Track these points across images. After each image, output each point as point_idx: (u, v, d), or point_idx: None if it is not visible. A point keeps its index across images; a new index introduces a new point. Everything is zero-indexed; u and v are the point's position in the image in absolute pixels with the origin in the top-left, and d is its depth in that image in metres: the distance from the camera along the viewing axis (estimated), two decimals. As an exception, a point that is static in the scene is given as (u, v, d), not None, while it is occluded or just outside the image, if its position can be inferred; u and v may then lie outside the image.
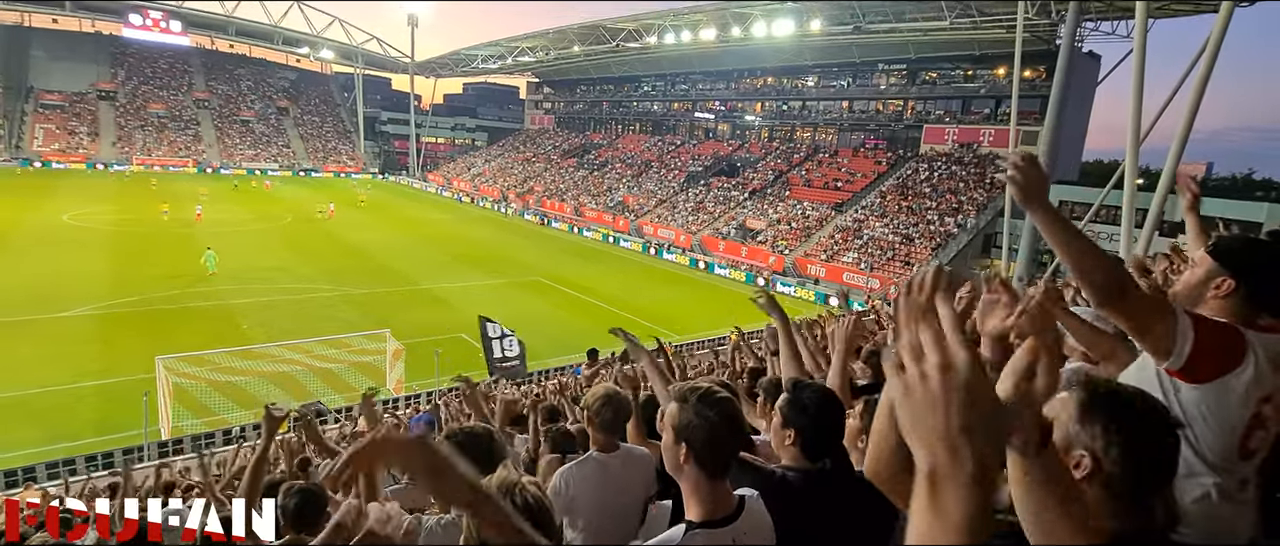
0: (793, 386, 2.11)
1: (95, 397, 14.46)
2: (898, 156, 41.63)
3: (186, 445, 12.92)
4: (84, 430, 13.12)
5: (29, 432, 12.81)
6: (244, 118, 74.95)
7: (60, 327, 18.56)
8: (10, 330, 17.91)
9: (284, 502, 2.84)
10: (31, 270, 23.73)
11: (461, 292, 25.82)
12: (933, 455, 0.62)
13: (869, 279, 29.94)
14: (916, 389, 0.64)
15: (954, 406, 0.61)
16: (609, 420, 2.63)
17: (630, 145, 60.96)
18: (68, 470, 11.37)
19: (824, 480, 2.01)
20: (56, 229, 31.78)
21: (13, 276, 22.79)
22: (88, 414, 13.77)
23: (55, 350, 16.79)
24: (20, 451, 12.04)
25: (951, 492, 0.60)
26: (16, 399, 14.08)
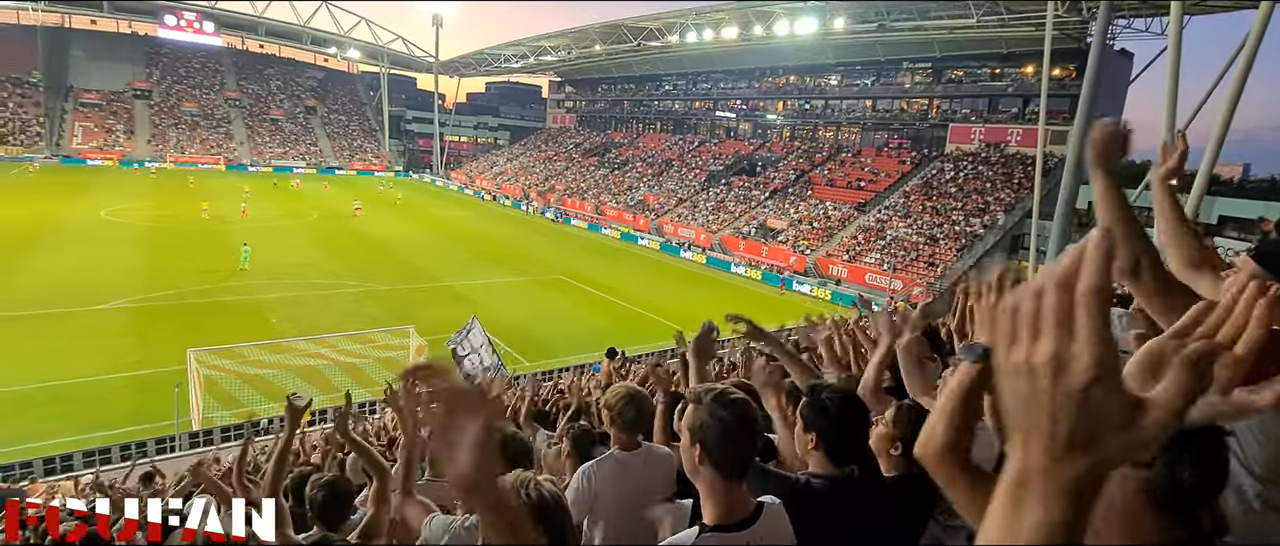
0: (811, 388, 2.07)
1: (130, 388, 14.91)
2: (922, 156, 41.05)
3: (216, 436, 13.27)
4: (119, 420, 13.53)
5: (67, 422, 13.25)
6: (273, 116, 76.49)
7: (97, 320, 19.15)
8: (50, 322, 18.54)
9: (311, 494, 2.92)
10: (70, 264, 24.51)
11: (483, 290, 26.08)
12: (1026, 452, 0.55)
13: (892, 280, 29.59)
14: (1019, 378, 0.55)
15: (1065, 413, 0.52)
16: (631, 419, 2.65)
17: (651, 144, 60.97)
18: (103, 459, 11.76)
19: (851, 487, 1.95)
20: (94, 224, 32.77)
21: (53, 270, 23.56)
22: (123, 404, 14.20)
23: (92, 342, 17.33)
24: (59, 440, 12.47)
25: (1037, 498, 0.53)
26: (56, 389, 14.57)
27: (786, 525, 1.70)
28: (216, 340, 16.46)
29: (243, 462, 4.96)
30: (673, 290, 29.23)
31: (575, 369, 15.81)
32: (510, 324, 21.45)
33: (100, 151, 61.25)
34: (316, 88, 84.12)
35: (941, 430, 1.21)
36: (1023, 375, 0.55)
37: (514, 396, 6.93)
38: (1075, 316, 0.52)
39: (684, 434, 1.64)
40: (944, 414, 1.21)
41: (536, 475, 1.66)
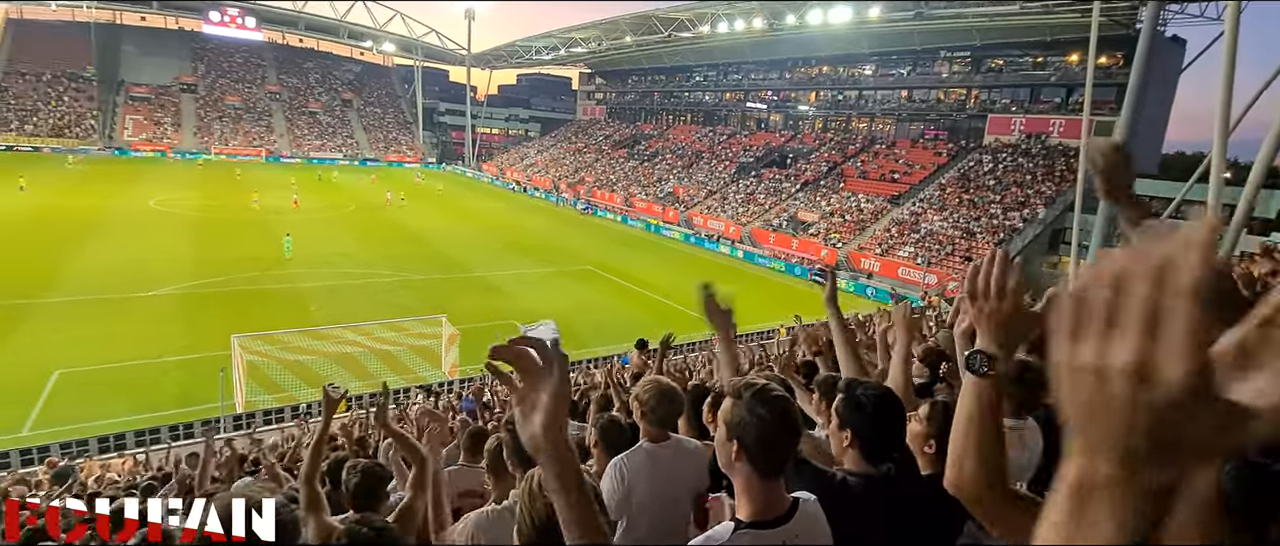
0: (847, 384, 2.03)
1: (179, 371, 15.55)
2: (959, 147, 40.03)
3: (258, 419, 13.77)
4: (169, 402, 14.13)
5: (121, 402, 13.90)
6: (312, 109, 78.31)
7: (148, 306, 19.98)
8: (104, 307, 19.41)
9: (346, 479, 3.03)
10: (123, 252, 25.58)
11: (514, 280, 26.41)
12: (1092, 459, 0.49)
13: (926, 274, 29.02)
14: (1086, 380, 0.48)
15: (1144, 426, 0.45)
16: (662, 415, 2.65)
17: (681, 136, 60.70)
18: (153, 439, 12.32)
19: (887, 485, 1.92)
20: (144, 214, 34.11)
21: (106, 258, 24.63)
22: (172, 387, 14.82)
23: (144, 327, 18.10)
24: (114, 419, 13.08)
25: (1105, 510, 0.48)
26: (111, 371, 15.28)
27: (823, 522, 1.67)
28: (259, 326, 17.05)
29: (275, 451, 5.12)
30: (698, 281, 29.10)
31: (604, 360, 15.95)
32: (540, 314, 21.67)
33: (149, 143, 63.60)
34: (353, 81, 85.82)
35: (971, 463, 1.16)
36: (1092, 379, 0.48)
37: None
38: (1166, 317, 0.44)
39: (720, 428, 1.61)
40: (967, 443, 1.17)
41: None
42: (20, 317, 17.92)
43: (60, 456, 11.38)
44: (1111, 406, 0.46)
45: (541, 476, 1.45)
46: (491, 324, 19.49)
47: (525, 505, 1.40)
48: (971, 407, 1.18)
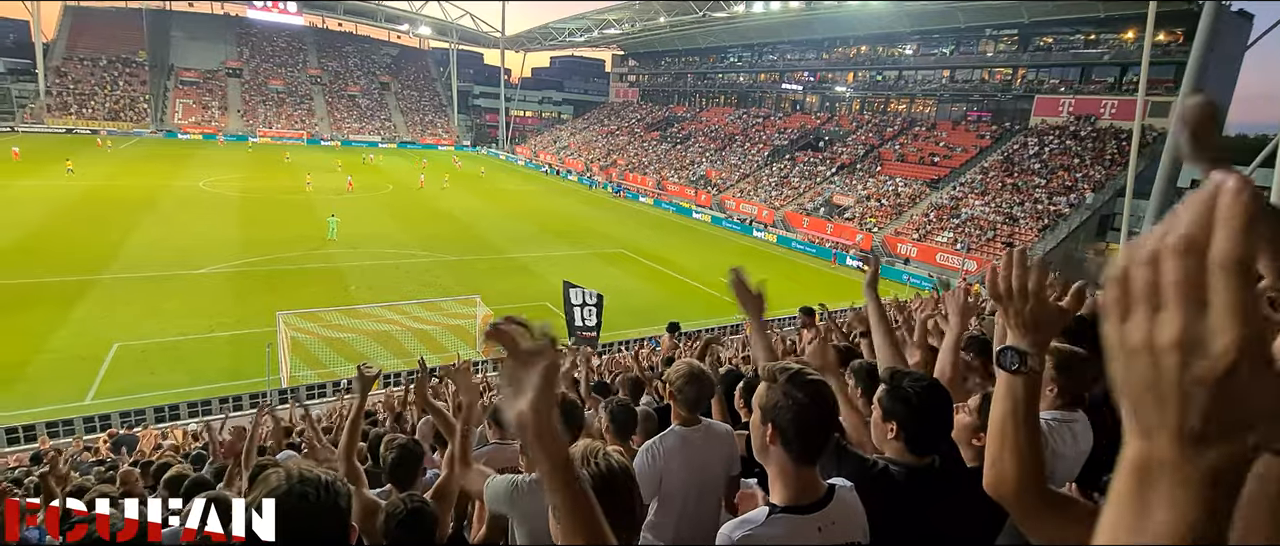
0: (891, 375, 1.98)
1: (228, 346, 16.20)
2: (1003, 129, 38.67)
3: (302, 393, 14.29)
4: (219, 375, 14.75)
5: (176, 374, 14.59)
6: (351, 93, 79.82)
7: (200, 283, 20.82)
8: (158, 284, 20.30)
9: (384, 454, 3.14)
10: (175, 231, 26.65)
11: (546, 262, 26.67)
12: (1150, 442, 0.47)
13: (965, 260, 28.29)
14: (1137, 360, 0.47)
15: (1198, 402, 0.44)
16: (692, 398, 2.66)
17: (714, 118, 60.03)
18: (204, 410, 12.91)
19: (931, 477, 1.87)
20: (195, 195, 35.41)
21: (160, 236, 25.70)
22: (222, 361, 15.46)
23: (196, 303, 18.89)
24: (169, 390, 13.75)
25: (1166, 496, 0.46)
26: (166, 344, 16.03)
27: (859, 510, 1.65)
28: (302, 304, 17.64)
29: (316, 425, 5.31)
30: (729, 265, 28.95)
31: (634, 342, 16.06)
32: (572, 297, 21.90)
33: (198, 126, 65.80)
34: (391, 64, 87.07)
35: (1011, 464, 1.14)
36: (1142, 357, 0.46)
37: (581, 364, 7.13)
38: (1209, 287, 0.43)
39: (755, 411, 1.60)
40: (1004, 442, 1.15)
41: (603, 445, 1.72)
42: (82, 293, 18.87)
43: (119, 425, 12.05)
44: (1164, 384, 0.45)
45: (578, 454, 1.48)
46: (523, 305, 19.77)
47: None
48: (1006, 405, 1.16)
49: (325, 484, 1.30)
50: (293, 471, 1.30)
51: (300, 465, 1.35)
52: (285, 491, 1.25)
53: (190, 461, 6.99)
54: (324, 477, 1.31)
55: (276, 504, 1.24)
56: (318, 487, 1.28)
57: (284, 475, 1.29)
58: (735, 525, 1.56)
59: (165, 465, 6.30)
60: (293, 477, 1.28)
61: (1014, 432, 1.15)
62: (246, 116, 69.68)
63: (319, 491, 1.28)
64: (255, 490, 1.29)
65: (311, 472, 1.32)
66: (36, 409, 12.65)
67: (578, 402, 2.60)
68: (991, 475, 1.17)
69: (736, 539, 1.52)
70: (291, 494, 1.26)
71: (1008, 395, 1.16)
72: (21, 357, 14.64)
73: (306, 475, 1.30)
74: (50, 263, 21.22)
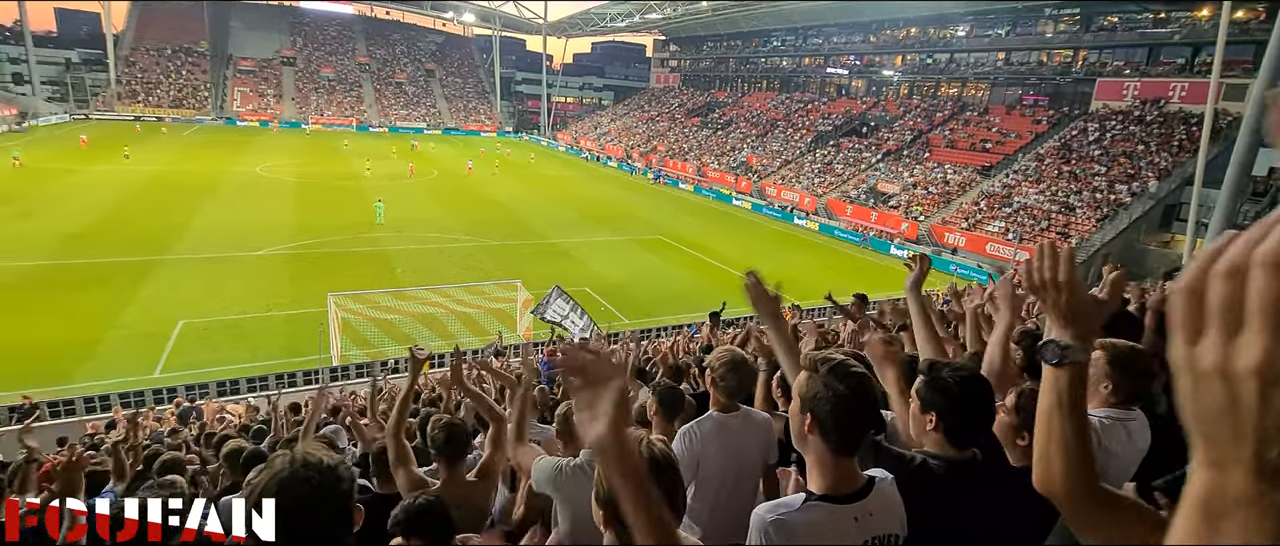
0: (930, 365, 1.94)
1: (284, 325, 16.92)
2: (1061, 114, 36.94)
3: (351, 372, 14.84)
4: (275, 352, 15.44)
5: (236, 351, 15.34)
6: (398, 80, 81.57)
7: (257, 264, 21.76)
8: (219, 264, 21.31)
9: (433, 434, 3.26)
10: (234, 215, 27.87)
11: (586, 247, 26.89)
12: (1222, 474, 0.42)
13: (1017, 251, 27.27)
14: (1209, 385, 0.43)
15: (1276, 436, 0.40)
16: (733, 385, 2.68)
17: (756, 103, 59.12)
18: (261, 385, 13.54)
19: (971, 471, 1.83)
20: (253, 179, 36.90)
21: (220, 219, 26.92)
22: (278, 339, 16.17)
23: (253, 283, 19.77)
24: (230, 366, 14.46)
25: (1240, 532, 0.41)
26: (227, 322, 16.86)
27: (898, 502, 1.64)
28: (352, 286, 18.27)
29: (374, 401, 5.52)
30: (772, 253, 28.69)
31: (673, 329, 16.10)
32: (611, 282, 22.07)
33: (254, 114, 68.36)
34: (436, 52, 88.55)
35: (1058, 460, 1.11)
36: (1215, 383, 0.42)
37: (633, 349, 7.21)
38: None
39: (794, 399, 1.60)
40: (1051, 438, 1.12)
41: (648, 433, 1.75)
42: (150, 272, 19.96)
43: (185, 397, 12.76)
44: (1242, 414, 0.41)
45: None
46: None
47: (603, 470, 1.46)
48: (1051, 399, 1.14)
49: (328, 468, 1.34)
50: (297, 456, 1.34)
51: (307, 450, 1.38)
52: (288, 476, 1.30)
53: (250, 436, 7.38)
54: (327, 462, 1.35)
55: (279, 487, 1.29)
56: (320, 472, 1.32)
57: (288, 460, 1.33)
58: (770, 507, 1.57)
59: (225, 437, 6.68)
60: (295, 462, 1.32)
61: (1060, 427, 1.13)
62: (299, 104, 72.02)
63: (321, 475, 1.32)
64: (262, 474, 1.33)
65: (315, 457, 1.35)
66: (110, 380, 13.50)
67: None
68: (1039, 471, 1.15)
69: (769, 519, 1.53)
70: (294, 478, 1.30)
71: (1052, 389, 1.15)
72: (97, 333, 15.63)
73: (310, 460, 1.33)
74: (121, 244, 22.49)
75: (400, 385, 8.25)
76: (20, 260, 20.00)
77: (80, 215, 25.62)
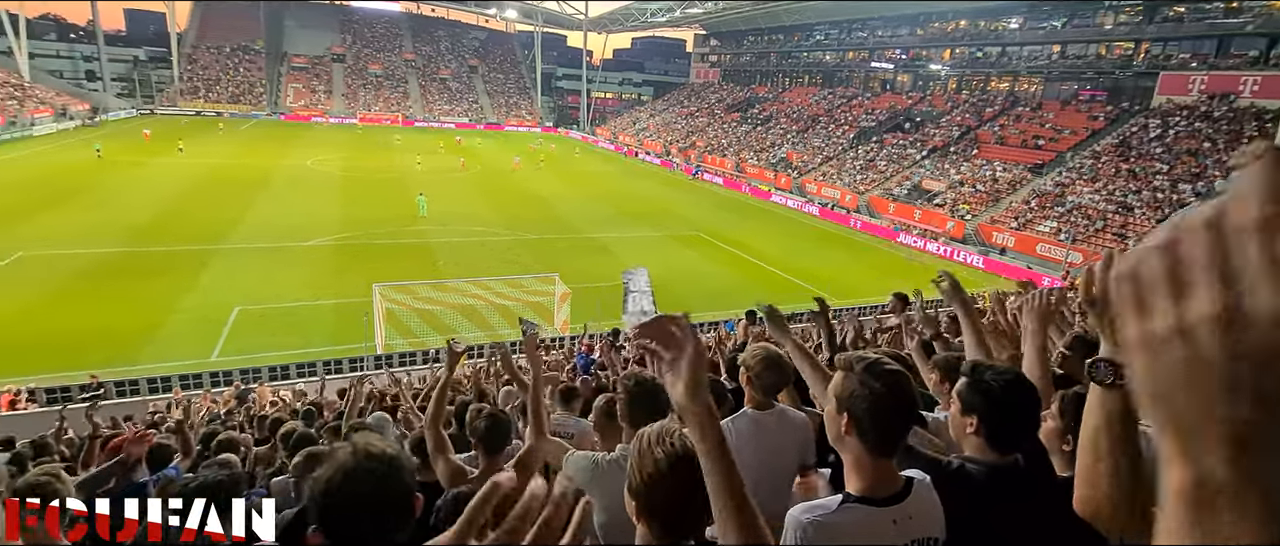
0: (971, 367, 1.89)
1: (331, 314, 17.52)
2: (1120, 110, 35.29)
3: (395, 360, 15.28)
4: (323, 340, 16.01)
5: (288, 337, 15.95)
6: (442, 76, 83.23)
7: (307, 254, 22.56)
8: (272, 255, 22.17)
9: (474, 424, 3.33)
10: (286, 207, 28.94)
11: (623, 242, 27.00)
12: (1196, 457, 0.39)
13: (1069, 252, 26.24)
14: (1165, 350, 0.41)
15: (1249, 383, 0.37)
16: (770, 383, 2.67)
17: (797, 98, 58.24)
18: (310, 371, 14.05)
19: (1013, 478, 1.77)
20: (304, 173, 38.23)
21: (273, 211, 27.99)
22: (326, 327, 16.76)
23: (304, 273, 20.51)
24: (281, 352, 15.05)
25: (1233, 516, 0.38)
26: (278, 310, 17.54)
27: (937, 505, 1.60)
28: (396, 277, 18.77)
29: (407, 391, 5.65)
30: (809, 251, 28.27)
31: (711, 325, 16.05)
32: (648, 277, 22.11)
33: (307, 110, 70.74)
34: (479, 48, 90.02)
35: (1105, 483, 1.06)
36: (1173, 343, 0.40)
37: None
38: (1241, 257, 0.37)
39: (830, 399, 1.58)
40: (1097, 459, 1.08)
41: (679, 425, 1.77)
42: (208, 261, 20.92)
43: (240, 381, 13.35)
44: (1202, 367, 0.38)
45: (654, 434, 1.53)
46: (600, 284, 20.14)
47: (635, 462, 1.47)
48: (1098, 419, 1.09)
49: (390, 458, 1.38)
50: (359, 447, 1.39)
51: (368, 441, 1.43)
52: (353, 467, 1.34)
53: (300, 418, 7.69)
54: (389, 452, 1.40)
55: (344, 478, 1.33)
56: (383, 462, 1.37)
57: (351, 451, 1.38)
58: (805, 508, 1.55)
59: (278, 420, 6.98)
60: (359, 453, 1.37)
61: (1109, 451, 1.08)
62: (349, 99, 74.19)
63: (384, 466, 1.37)
64: (326, 466, 1.37)
65: (377, 448, 1.40)
66: (172, 363, 14.23)
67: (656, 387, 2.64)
68: (1083, 494, 1.10)
69: (806, 520, 1.51)
70: (359, 469, 1.34)
71: (1099, 409, 1.10)
72: (159, 318, 16.48)
73: (372, 450, 1.38)
74: (181, 234, 23.62)
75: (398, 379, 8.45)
76: (93, 247, 21.21)
77: (145, 206, 26.98)
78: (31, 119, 46.97)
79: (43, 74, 57.34)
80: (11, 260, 19.56)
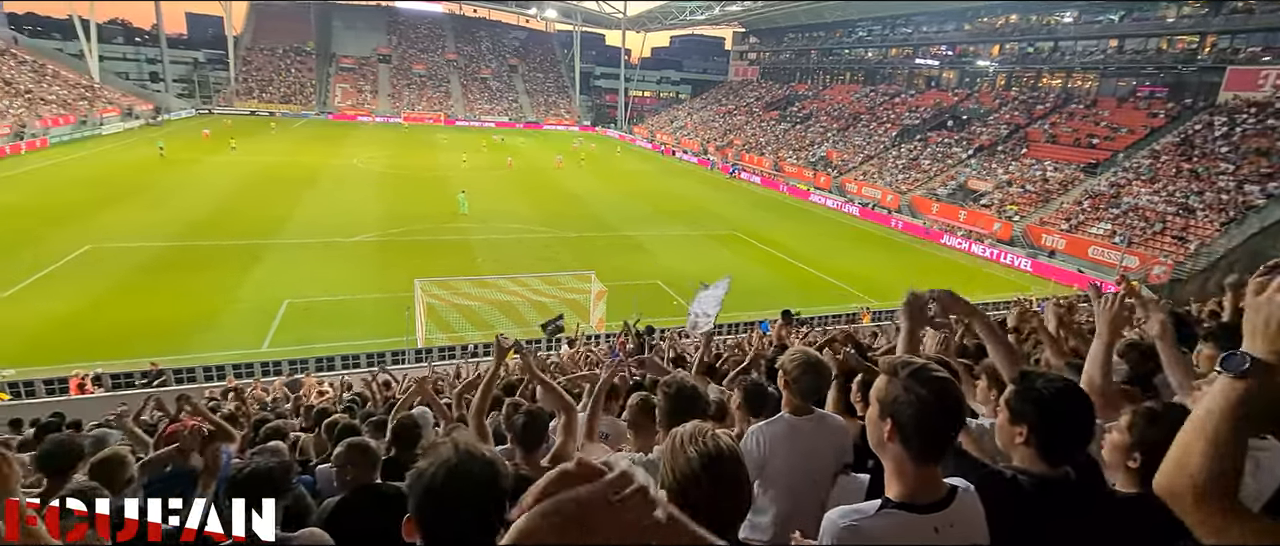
0: (1022, 375, 1.82)
1: (375, 308, 18.01)
2: (1183, 107, 33.57)
3: (435, 354, 15.61)
4: (366, 333, 16.44)
5: (333, 330, 16.47)
6: (483, 76, 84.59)
7: (352, 250, 23.25)
8: (319, 250, 22.92)
9: (513, 419, 3.39)
10: (333, 204, 29.88)
11: (659, 241, 27.00)
12: None
13: (1125, 257, 25.11)
14: None
15: None
16: (808, 387, 2.64)
17: (838, 96, 57.21)
18: (354, 362, 14.48)
19: (1065, 492, 1.71)
20: (350, 171, 39.40)
21: (321, 208, 28.93)
22: (369, 320, 17.22)
23: (349, 267, 21.15)
24: (327, 343, 15.55)
25: None
26: (325, 303, 18.13)
27: (981, 515, 1.56)
28: (437, 273, 19.19)
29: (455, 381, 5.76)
30: (847, 251, 27.77)
31: (747, 325, 15.93)
32: (684, 276, 22.03)
33: (354, 109, 72.84)
34: (518, 47, 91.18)
35: (1200, 462, 1.04)
36: None
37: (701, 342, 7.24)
38: None
39: (873, 404, 1.55)
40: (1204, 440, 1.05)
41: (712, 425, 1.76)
42: (260, 255, 21.75)
43: (289, 371, 13.85)
44: None
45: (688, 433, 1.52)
46: (635, 282, 20.20)
47: (668, 461, 1.47)
48: (1216, 404, 1.06)
49: (490, 462, 1.39)
50: (461, 446, 1.40)
51: (470, 441, 1.44)
52: (456, 464, 1.35)
53: (342, 408, 7.93)
54: (489, 456, 1.41)
55: (448, 475, 1.34)
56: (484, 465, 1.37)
57: (453, 448, 1.39)
58: (843, 512, 1.52)
59: (325, 410, 7.21)
60: (460, 452, 1.38)
61: (1215, 432, 1.05)
62: (394, 99, 76.09)
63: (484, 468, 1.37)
64: (427, 461, 1.39)
65: (478, 450, 1.40)
66: (225, 352, 14.85)
67: (694, 388, 2.63)
68: (1170, 474, 1.08)
69: (843, 525, 1.49)
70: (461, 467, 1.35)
71: (1222, 396, 1.07)
72: (214, 309, 17.23)
73: (474, 452, 1.39)
74: (235, 229, 24.62)
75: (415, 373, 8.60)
76: (153, 241, 22.29)
77: (201, 203, 28.22)
78: (101, 118, 49.56)
79: (111, 75, 60.41)
80: (81, 252, 20.70)
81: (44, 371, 13.11)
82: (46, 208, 25.57)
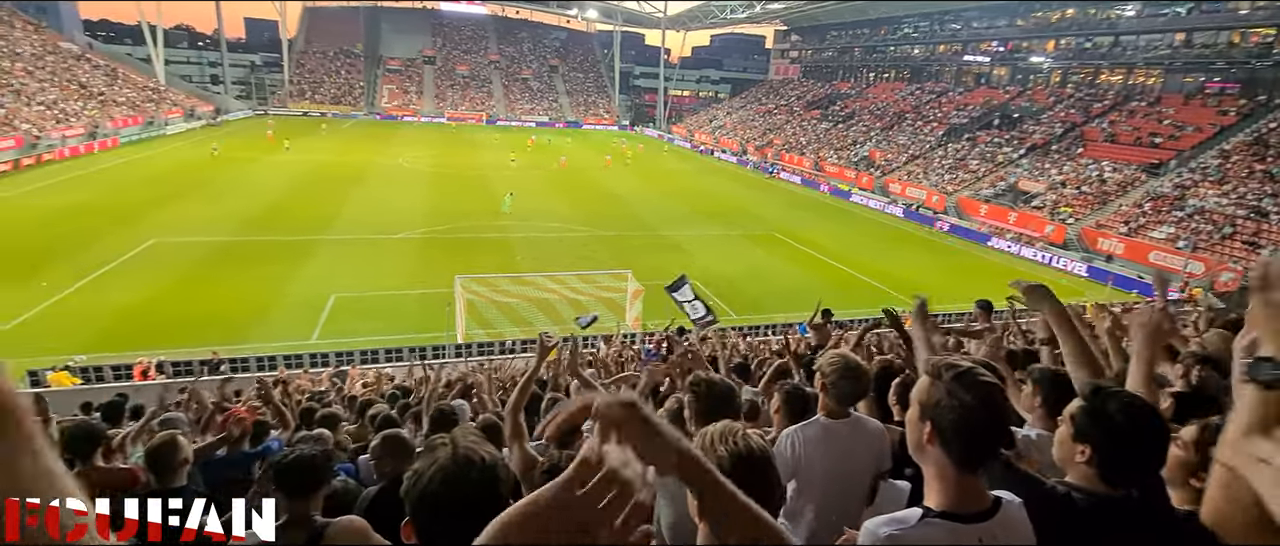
0: (1093, 392, 1.71)
1: (417, 303, 18.44)
2: (1256, 104, 31.66)
3: (474, 350, 15.89)
4: (409, 327, 16.87)
5: (378, 323, 16.95)
6: (524, 76, 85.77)
7: (397, 246, 23.87)
8: (366, 246, 23.60)
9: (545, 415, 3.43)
10: (379, 202, 30.73)
11: (696, 241, 26.89)
12: None
13: (1189, 262, 23.83)
14: None
15: None
16: (846, 392, 2.60)
17: (882, 94, 55.95)
18: (396, 356, 14.84)
19: (1125, 513, 1.62)
20: (396, 170, 40.46)
21: (368, 205, 29.79)
22: (412, 315, 17.65)
23: (394, 264, 21.72)
24: (372, 337, 16.00)
25: None
26: (370, 298, 18.67)
27: (1028, 529, 1.49)
28: (477, 270, 19.54)
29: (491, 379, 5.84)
30: (889, 253, 27.11)
31: (783, 327, 15.72)
32: (721, 276, 21.94)
33: (400, 110, 74.79)
34: (559, 48, 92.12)
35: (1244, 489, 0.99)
36: None
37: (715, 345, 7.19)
38: None
39: (913, 406, 1.52)
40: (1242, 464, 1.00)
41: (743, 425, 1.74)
42: (310, 251, 22.53)
43: (335, 363, 14.31)
44: None
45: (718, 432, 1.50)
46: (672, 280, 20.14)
47: None
48: (1251, 424, 0.99)
49: (489, 466, 1.38)
50: (459, 448, 1.39)
51: (469, 443, 1.43)
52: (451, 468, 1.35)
53: (386, 400, 8.15)
54: (488, 458, 1.40)
55: (442, 478, 1.33)
56: (481, 469, 1.36)
57: (450, 452, 1.38)
58: (883, 521, 1.48)
59: (369, 401, 7.43)
60: (459, 455, 1.37)
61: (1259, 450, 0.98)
62: (438, 100, 77.84)
63: (481, 472, 1.36)
64: (423, 462, 1.39)
65: (477, 453, 1.40)
66: (277, 343, 15.44)
67: (727, 386, 2.61)
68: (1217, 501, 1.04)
69: (883, 534, 1.44)
70: (457, 471, 1.35)
71: (1258, 408, 1.00)
72: (267, 301, 17.92)
73: (472, 455, 1.38)
74: (288, 224, 25.58)
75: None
76: (212, 236, 23.33)
77: (256, 200, 29.39)
78: (166, 119, 52.15)
79: (175, 78, 63.51)
80: (147, 246, 21.81)
81: (112, 357, 13.87)
82: (116, 205, 27.02)
